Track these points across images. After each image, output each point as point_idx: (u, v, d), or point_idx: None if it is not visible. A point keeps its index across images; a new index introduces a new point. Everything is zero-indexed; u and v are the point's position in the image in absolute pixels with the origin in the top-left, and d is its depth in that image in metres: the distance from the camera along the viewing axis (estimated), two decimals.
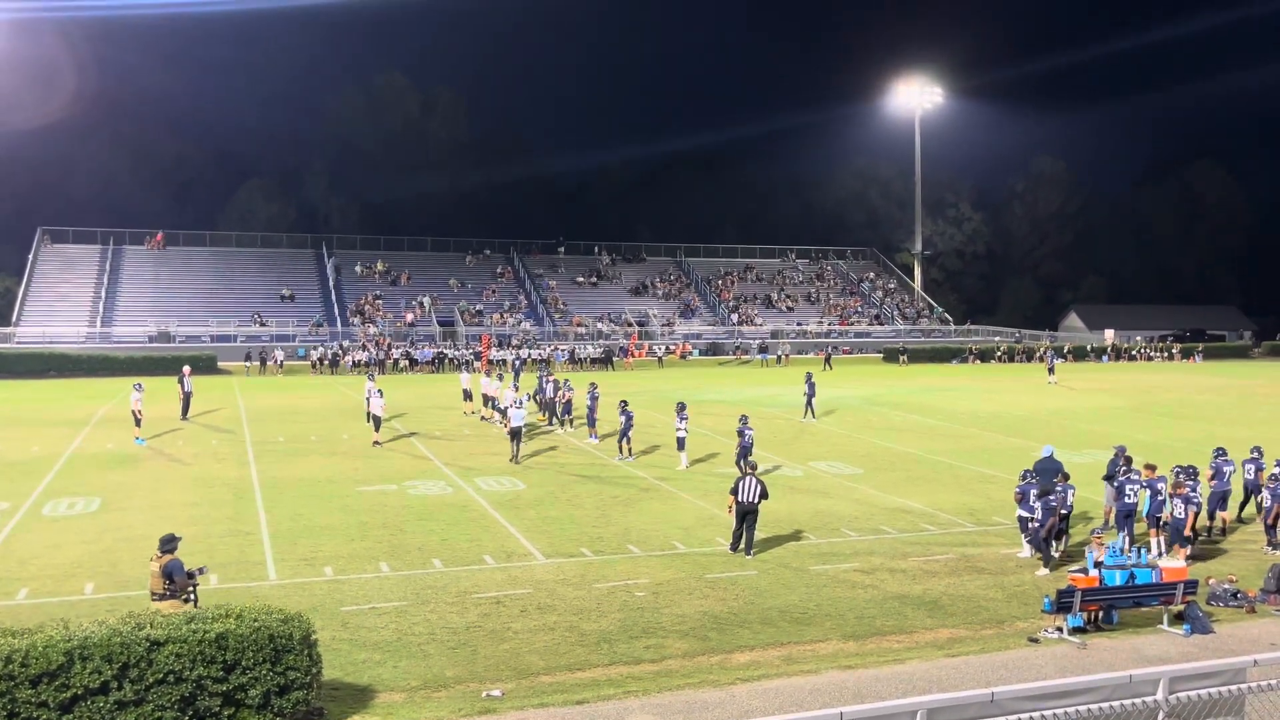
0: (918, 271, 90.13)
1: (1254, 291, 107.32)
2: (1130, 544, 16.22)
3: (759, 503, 17.06)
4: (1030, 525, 16.83)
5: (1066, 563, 16.59)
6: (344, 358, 58.44)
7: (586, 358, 61.93)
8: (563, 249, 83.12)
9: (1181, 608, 13.99)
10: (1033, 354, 70.28)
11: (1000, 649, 13.05)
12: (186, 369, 34.60)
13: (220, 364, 55.61)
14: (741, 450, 23.53)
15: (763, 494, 17.07)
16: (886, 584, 15.66)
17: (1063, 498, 17.47)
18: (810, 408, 35.06)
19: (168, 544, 11.94)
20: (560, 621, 13.74)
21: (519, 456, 26.00)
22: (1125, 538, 16.92)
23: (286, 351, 58.46)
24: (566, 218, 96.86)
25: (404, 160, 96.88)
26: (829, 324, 77.23)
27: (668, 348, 68.63)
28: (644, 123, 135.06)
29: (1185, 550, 16.43)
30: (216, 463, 25.65)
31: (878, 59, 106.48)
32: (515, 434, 26.02)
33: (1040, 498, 16.74)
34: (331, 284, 71.52)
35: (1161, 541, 17.51)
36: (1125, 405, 40.43)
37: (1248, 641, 13.38)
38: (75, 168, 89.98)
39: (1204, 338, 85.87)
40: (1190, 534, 17.38)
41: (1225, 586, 15.16)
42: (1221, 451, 19.92)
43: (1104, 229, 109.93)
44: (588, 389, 30.75)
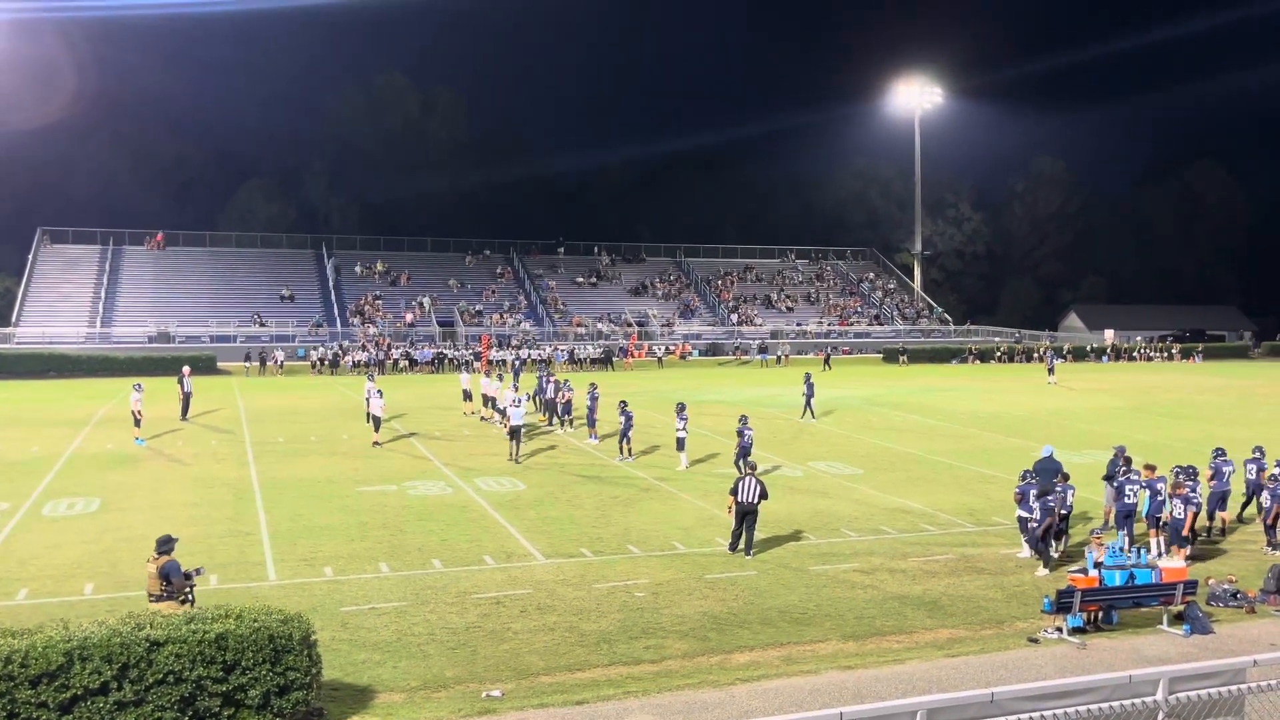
0: (917, 272, 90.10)
1: (1254, 291, 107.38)
2: (1130, 544, 16.23)
3: (759, 503, 17.06)
4: (1030, 525, 16.84)
5: (1066, 563, 16.61)
6: (344, 358, 58.44)
7: (586, 358, 61.91)
8: (562, 249, 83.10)
9: (1181, 608, 14.00)
10: (1032, 354, 70.26)
11: (1000, 649, 13.06)
12: (186, 369, 34.62)
13: (220, 364, 55.59)
14: (741, 450, 23.55)
15: (762, 494, 17.07)
16: (886, 584, 15.67)
17: (1062, 498, 17.49)
18: (809, 408, 35.08)
19: (164, 545, 11.90)
20: (560, 622, 13.74)
21: (519, 456, 26.02)
22: (1125, 538, 16.94)
23: (286, 352, 58.43)
24: (566, 218, 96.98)
25: (404, 160, 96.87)
26: (829, 324, 77.23)
27: (667, 348, 68.60)
28: (644, 123, 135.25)
29: (1185, 550, 16.42)
30: (216, 463, 25.66)
31: (878, 59, 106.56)
32: (515, 433, 26.04)
33: (1040, 498, 16.75)
34: (331, 284, 71.52)
35: (1161, 542, 17.51)
36: (1125, 405, 40.43)
37: (1247, 642, 13.39)
38: (75, 168, 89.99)
39: (1204, 338, 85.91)
40: (1189, 534, 17.40)
41: (1225, 587, 15.17)
42: (1221, 452, 19.93)
43: (1104, 229, 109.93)
44: (588, 389, 30.75)
